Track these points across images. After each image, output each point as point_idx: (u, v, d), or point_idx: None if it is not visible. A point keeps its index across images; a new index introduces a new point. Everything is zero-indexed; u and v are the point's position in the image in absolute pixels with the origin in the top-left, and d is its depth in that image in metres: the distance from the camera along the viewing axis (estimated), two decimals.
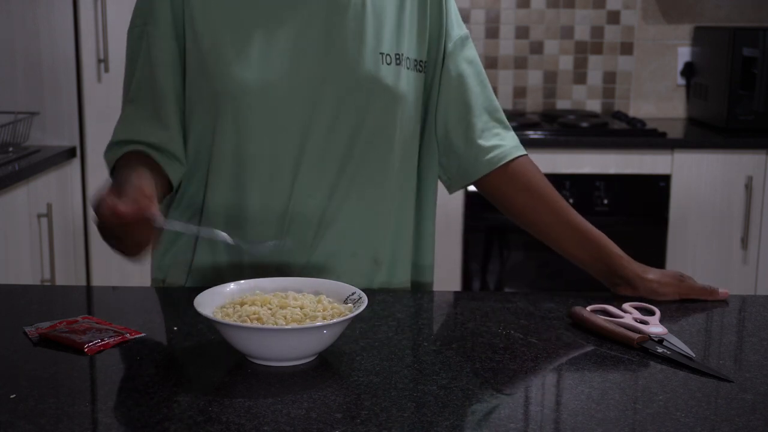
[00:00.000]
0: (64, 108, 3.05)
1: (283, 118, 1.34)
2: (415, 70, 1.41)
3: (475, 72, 1.48)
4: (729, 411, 1.00)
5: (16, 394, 1.02)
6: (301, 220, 1.37)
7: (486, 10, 3.59)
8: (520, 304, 1.35)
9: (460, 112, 1.46)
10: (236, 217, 1.37)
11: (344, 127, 1.36)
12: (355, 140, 1.37)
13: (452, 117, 1.46)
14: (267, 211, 1.37)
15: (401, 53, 1.38)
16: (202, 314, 1.09)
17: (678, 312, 1.32)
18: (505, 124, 1.50)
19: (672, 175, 3.12)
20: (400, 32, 1.39)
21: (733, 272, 3.17)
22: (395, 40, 1.38)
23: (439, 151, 1.48)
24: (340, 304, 1.17)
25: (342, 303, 1.17)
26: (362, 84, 1.35)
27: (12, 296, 1.42)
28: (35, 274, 2.81)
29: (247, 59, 1.32)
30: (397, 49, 1.38)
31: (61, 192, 2.99)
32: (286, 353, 1.09)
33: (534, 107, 3.65)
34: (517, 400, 1.03)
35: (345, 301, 1.18)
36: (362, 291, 1.17)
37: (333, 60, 1.34)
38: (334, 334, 1.10)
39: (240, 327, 1.07)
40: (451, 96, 1.45)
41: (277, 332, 1.07)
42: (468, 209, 3.12)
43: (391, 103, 1.38)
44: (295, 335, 1.07)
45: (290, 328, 1.07)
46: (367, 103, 1.36)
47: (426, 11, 1.42)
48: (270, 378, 1.06)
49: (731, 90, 3.24)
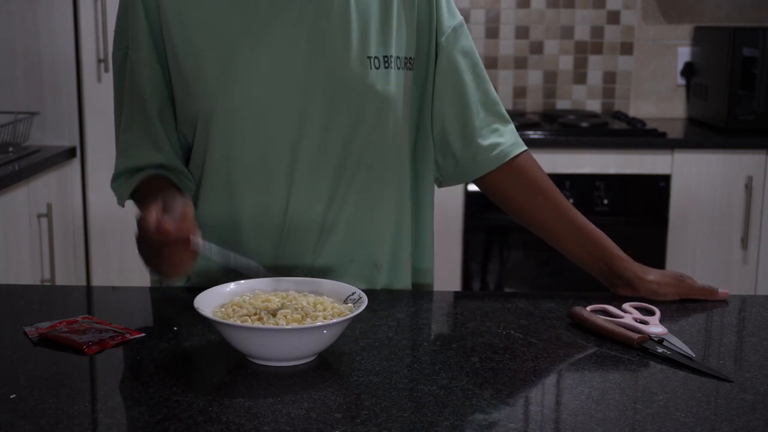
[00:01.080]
0: (64, 108, 3.05)
1: (273, 131, 1.32)
2: (405, 68, 1.37)
3: (471, 64, 1.44)
4: (729, 411, 1.00)
5: (16, 394, 1.02)
6: (300, 229, 1.36)
7: (486, 10, 3.59)
8: (520, 304, 1.35)
9: (457, 109, 1.43)
10: (231, 230, 1.36)
11: (336, 134, 1.33)
12: (348, 147, 1.34)
13: (448, 114, 1.43)
14: (263, 223, 1.35)
15: (389, 54, 1.35)
16: (202, 314, 1.09)
17: (678, 312, 1.32)
18: (504, 118, 1.47)
19: (672, 175, 3.12)
20: (387, 31, 1.35)
21: (733, 272, 3.17)
22: (382, 40, 1.35)
23: (435, 149, 1.45)
24: (341, 304, 1.17)
25: (342, 303, 1.17)
26: (351, 90, 1.33)
27: (12, 296, 1.42)
28: (35, 274, 2.81)
29: (231, 75, 1.30)
30: (384, 50, 1.35)
31: (61, 192, 2.99)
32: (286, 353, 1.09)
33: (534, 107, 3.65)
34: (517, 400, 1.03)
35: (345, 301, 1.17)
36: (362, 291, 1.17)
37: (320, 68, 1.31)
38: (334, 334, 1.10)
39: (240, 327, 1.07)
40: (446, 92, 1.42)
41: (277, 332, 1.07)
42: (468, 209, 3.12)
43: (382, 108, 1.35)
44: (295, 335, 1.07)
45: (290, 328, 1.07)
46: (358, 110, 1.33)
47: (414, 4, 1.38)
48: (270, 378, 1.06)
49: (731, 90, 3.24)
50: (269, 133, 1.32)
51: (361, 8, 1.34)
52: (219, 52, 1.31)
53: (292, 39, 1.31)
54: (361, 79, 1.33)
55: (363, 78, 1.33)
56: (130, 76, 1.37)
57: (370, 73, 1.33)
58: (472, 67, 1.44)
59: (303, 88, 1.31)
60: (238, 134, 1.32)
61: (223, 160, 1.34)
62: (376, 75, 1.33)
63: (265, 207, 1.35)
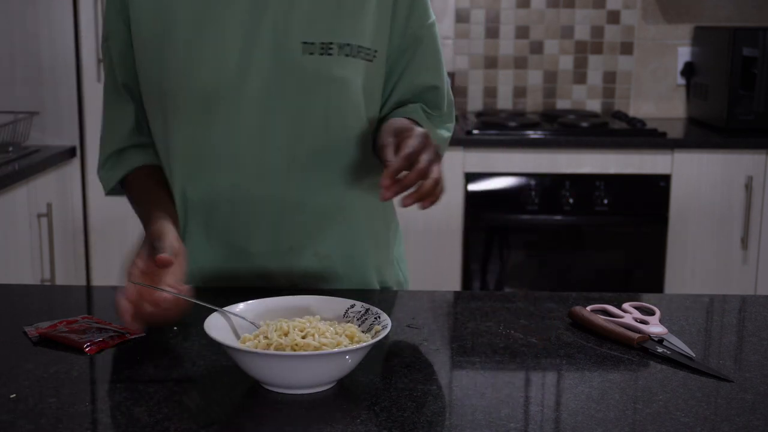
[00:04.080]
0: (64, 108, 3.05)
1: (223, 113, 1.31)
2: (361, 57, 1.33)
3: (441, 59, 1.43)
4: (729, 411, 1.00)
5: (16, 394, 1.02)
6: (264, 210, 1.35)
7: (486, 10, 3.59)
8: (520, 304, 1.35)
9: (431, 85, 1.42)
10: (209, 212, 1.37)
11: (281, 115, 1.31)
12: (298, 126, 1.32)
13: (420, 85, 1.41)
14: (238, 212, 1.36)
15: (332, 41, 1.30)
16: (216, 340, 1.03)
17: (678, 312, 1.32)
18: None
19: (672, 175, 3.12)
20: (339, 17, 1.31)
21: (733, 272, 3.17)
22: (327, 26, 1.31)
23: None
24: (343, 322, 1.12)
25: (342, 317, 1.13)
26: (289, 72, 1.30)
27: (12, 296, 1.42)
28: (35, 274, 2.81)
29: (195, 55, 1.30)
30: (329, 37, 1.30)
31: (61, 192, 2.99)
32: (303, 381, 1.03)
33: (534, 107, 3.65)
34: (517, 400, 1.03)
35: (345, 314, 1.13)
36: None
37: (261, 47, 1.29)
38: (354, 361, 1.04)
39: (257, 354, 1.01)
40: (423, 66, 1.41)
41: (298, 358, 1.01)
42: (468, 209, 3.12)
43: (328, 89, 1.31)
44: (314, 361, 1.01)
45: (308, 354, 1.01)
46: (297, 91, 1.31)
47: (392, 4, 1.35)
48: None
49: (731, 90, 3.24)
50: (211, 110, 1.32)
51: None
52: (182, 31, 1.30)
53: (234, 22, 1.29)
54: (297, 63, 1.29)
55: (298, 62, 1.29)
56: (108, 64, 1.41)
57: (304, 58, 1.29)
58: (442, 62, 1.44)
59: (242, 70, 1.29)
60: (204, 120, 1.32)
61: (191, 145, 1.34)
62: (311, 60, 1.30)
63: (240, 199, 1.35)
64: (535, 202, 3.09)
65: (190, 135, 1.34)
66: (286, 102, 1.32)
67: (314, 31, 1.31)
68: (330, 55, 1.31)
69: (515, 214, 3.11)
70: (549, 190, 3.10)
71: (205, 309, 1.11)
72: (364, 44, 1.34)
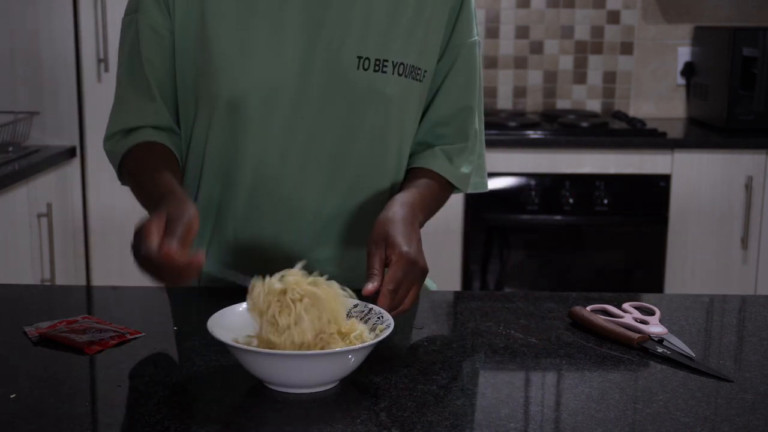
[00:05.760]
0: (63, 108, 3.05)
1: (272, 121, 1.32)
2: (412, 78, 1.35)
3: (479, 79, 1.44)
4: (729, 411, 1.00)
5: (16, 394, 1.02)
6: (299, 219, 1.36)
7: (486, 10, 3.59)
8: (520, 304, 1.35)
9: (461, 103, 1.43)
10: (224, 215, 1.37)
11: (328, 128, 1.33)
12: (343, 141, 1.34)
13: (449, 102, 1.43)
14: (258, 207, 1.36)
15: (387, 59, 1.32)
16: (219, 340, 1.03)
17: (678, 312, 1.32)
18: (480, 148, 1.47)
19: (672, 175, 3.12)
20: (392, 35, 1.33)
21: (733, 272, 3.17)
22: (381, 43, 1.32)
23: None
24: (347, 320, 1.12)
25: (347, 317, 1.12)
26: (342, 86, 1.32)
27: (12, 296, 1.42)
28: (35, 274, 2.81)
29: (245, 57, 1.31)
30: (383, 54, 1.32)
31: (61, 192, 2.99)
32: (306, 380, 1.03)
33: (534, 107, 3.65)
34: (517, 400, 1.03)
35: (348, 315, 1.12)
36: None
37: (316, 59, 1.31)
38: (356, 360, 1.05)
39: (257, 352, 1.02)
40: (455, 84, 1.42)
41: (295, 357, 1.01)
42: (468, 209, 3.12)
43: (377, 107, 1.33)
44: (316, 360, 1.01)
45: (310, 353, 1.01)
46: (348, 106, 1.32)
47: (445, 17, 1.37)
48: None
49: (731, 90, 3.24)
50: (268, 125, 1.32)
51: (363, 5, 1.32)
52: (232, 35, 1.30)
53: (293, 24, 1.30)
54: (351, 77, 1.31)
55: (352, 76, 1.31)
56: (133, 36, 1.36)
57: (358, 73, 1.31)
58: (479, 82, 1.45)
59: (298, 78, 1.31)
60: (241, 124, 1.32)
61: (226, 149, 1.34)
62: (365, 76, 1.32)
63: (262, 191, 1.35)
64: (535, 202, 3.09)
65: (227, 141, 1.33)
66: (336, 116, 1.33)
67: (369, 46, 1.32)
68: (384, 72, 1.32)
69: (515, 214, 3.11)
70: (549, 190, 3.10)
71: (205, 309, 1.11)
72: (416, 64, 1.35)
